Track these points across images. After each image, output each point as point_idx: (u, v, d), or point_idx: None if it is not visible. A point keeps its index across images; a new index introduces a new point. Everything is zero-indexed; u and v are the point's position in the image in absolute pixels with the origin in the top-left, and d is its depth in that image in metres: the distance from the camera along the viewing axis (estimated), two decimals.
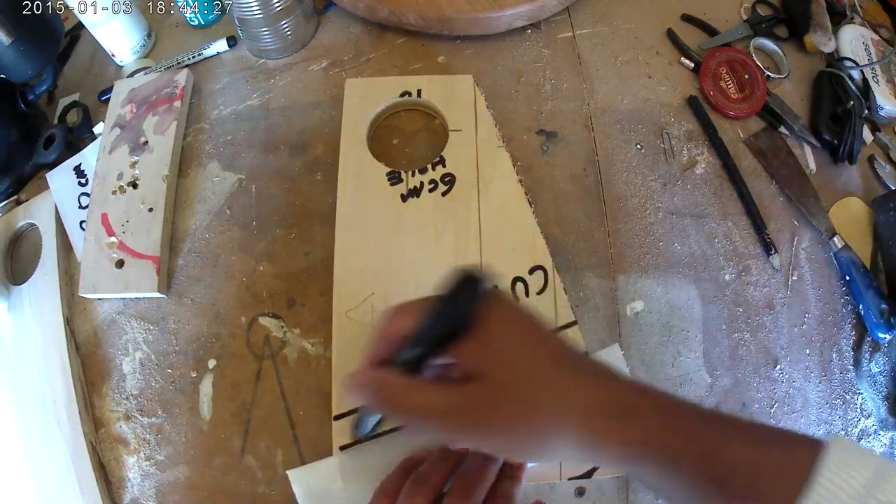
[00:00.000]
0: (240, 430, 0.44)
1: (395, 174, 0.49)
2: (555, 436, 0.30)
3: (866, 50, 0.60)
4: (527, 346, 0.31)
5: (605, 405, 0.30)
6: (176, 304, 0.48)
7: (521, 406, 0.30)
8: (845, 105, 0.55)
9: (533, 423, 0.30)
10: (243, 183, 0.51)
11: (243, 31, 0.56)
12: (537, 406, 0.30)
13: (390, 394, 0.31)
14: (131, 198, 0.50)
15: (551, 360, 0.31)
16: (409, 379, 0.31)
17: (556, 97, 0.54)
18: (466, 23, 0.54)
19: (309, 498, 0.40)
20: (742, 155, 0.53)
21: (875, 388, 0.49)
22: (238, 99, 0.55)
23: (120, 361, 0.47)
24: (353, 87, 0.52)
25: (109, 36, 0.57)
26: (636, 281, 0.47)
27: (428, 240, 0.46)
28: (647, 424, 0.29)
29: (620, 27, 0.58)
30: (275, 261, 0.48)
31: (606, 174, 0.51)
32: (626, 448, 0.30)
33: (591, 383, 0.31)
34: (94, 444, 0.44)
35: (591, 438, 0.30)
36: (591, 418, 0.30)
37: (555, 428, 0.30)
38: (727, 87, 0.55)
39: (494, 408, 0.30)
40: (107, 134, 0.53)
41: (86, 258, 0.48)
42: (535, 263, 0.45)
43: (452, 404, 0.30)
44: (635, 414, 0.30)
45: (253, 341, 0.46)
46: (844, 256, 0.50)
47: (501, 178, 0.48)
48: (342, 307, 0.44)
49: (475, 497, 0.34)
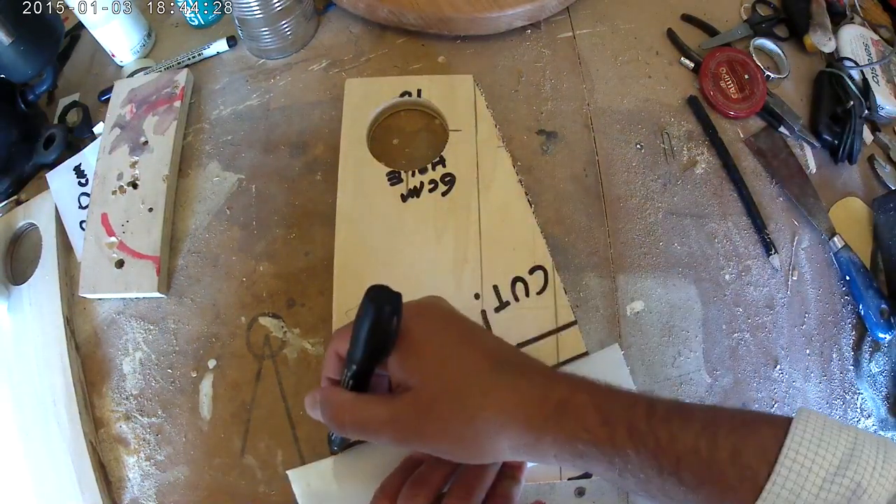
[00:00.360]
0: (240, 430, 0.44)
1: (395, 174, 0.49)
2: (492, 438, 0.30)
3: (866, 50, 0.60)
4: (453, 352, 0.32)
5: (539, 404, 0.30)
6: (176, 304, 0.48)
7: (450, 412, 0.30)
8: (845, 105, 0.55)
9: (465, 429, 0.30)
10: (243, 183, 0.51)
11: (243, 31, 0.56)
12: (467, 411, 0.30)
13: (336, 410, 0.33)
14: (131, 198, 0.50)
15: (481, 364, 0.31)
16: (352, 395, 0.33)
17: (556, 97, 0.54)
18: (466, 23, 0.54)
19: (309, 498, 0.40)
20: (742, 155, 0.53)
21: (875, 388, 0.49)
22: (238, 99, 0.55)
23: (120, 361, 0.47)
24: (353, 87, 0.52)
25: (109, 36, 0.57)
26: (636, 281, 0.47)
27: (428, 240, 0.46)
28: (586, 422, 0.29)
29: (620, 27, 0.58)
30: (275, 261, 0.48)
31: (606, 174, 0.51)
32: (565, 446, 0.29)
33: (523, 382, 0.31)
34: (94, 444, 0.44)
35: (529, 440, 0.30)
36: (527, 418, 0.30)
37: (491, 430, 0.30)
38: (727, 87, 0.55)
39: (423, 417, 0.31)
40: (107, 134, 0.53)
41: (86, 258, 0.48)
42: (535, 263, 0.45)
43: (386, 416, 0.31)
44: (572, 411, 0.30)
45: (253, 341, 0.46)
46: (844, 256, 0.50)
47: (501, 178, 0.48)
48: (342, 307, 0.44)
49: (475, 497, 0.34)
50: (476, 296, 0.45)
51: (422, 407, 0.31)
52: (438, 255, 0.46)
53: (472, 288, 0.45)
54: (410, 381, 0.31)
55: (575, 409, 0.30)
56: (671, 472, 0.28)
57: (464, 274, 0.45)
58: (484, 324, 0.44)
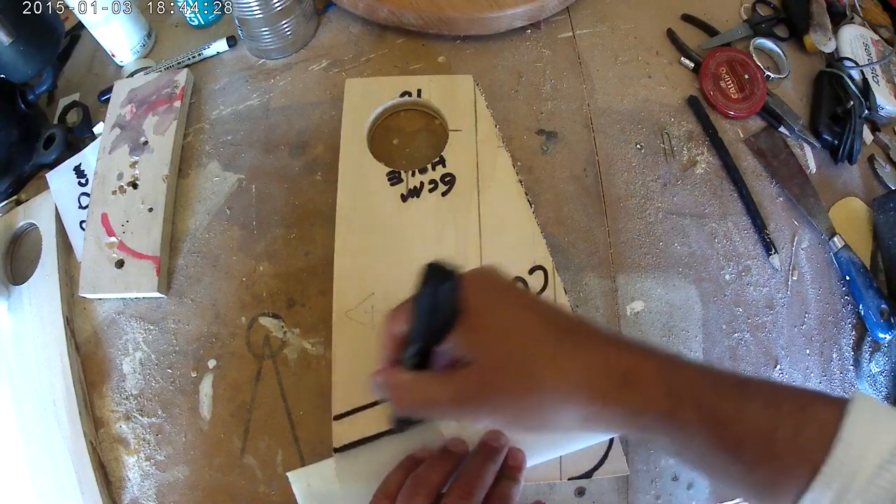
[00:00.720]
0: (240, 430, 0.44)
1: (395, 174, 0.49)
2: (558, 408, 0.30)
3: (866, 50, 0.60)
4: (515, 324, 0.31)
5: (604, 374, 0.29)
6: (176, 304, 0.48)
7: (514, 385, 0.30)
8: (845, 105, 0.55)
9: (529, 401, 0.30)
10: (243, 183, 0.51)
11: (243, 31, 0.56)
12: (531, 382, 0.30)
13: (400, 391, 0.33)
14: (131, 198, 0.50)
15: (543, 334, 0.31)
16: (413, 374, 0.33)
17: (556, 97, 0.54)
18: (466, 23, 0.54)
19: (309, 498, 0.40)
20: (742, 155, 0.53)
21: (875, 388, 0.49)
22: (238, 99, 0.55)
23: (120, 361, 0.47)
24: (353, 87, 0.52)
25: (109, 36, 0.57)
26: (636, 281, 0.47)
27: (428, 240, 0.46)
28: (651, 393, 0.29)
29: (620, 27, 0.58)
30: (275, 261, 0.48)
31: (606, 174, 0.51)
32: (628, 418, 0.29)
33: (587, 352, 0.30)
34: (94, 444, 0.44)
35: (593, 410, 0.29)
36: (591, 389, 0.29)
37: (556, 400, 0.30)
38: (727, 87, 0.55)
39: (487, 390, 0.30)
40: (107, 134, 0.53)
41: (86, 258, 0.48)
42: (535, 263, 0.45)
43: (451, 393, 0.31)
44: (637, 383, 0.29)
45: (253, 341, 0.46)
46: (844, 256, 0.50)
47: (501, 178, 0.48)
48: (342, 307, 0.44)
49: (475, 497, 0.34)
50: None
51: (485, 381, 0.31)
52: (438, 255, 0.45)
53: None
54: (472, 355, 0.31)
55: (640, 381, 0.29)
56: (732, 449, 0.28)
57: None
58: None
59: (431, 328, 0.31)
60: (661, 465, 0.44)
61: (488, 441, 0.39)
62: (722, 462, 0.28)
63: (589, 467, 0.41)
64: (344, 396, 0.42)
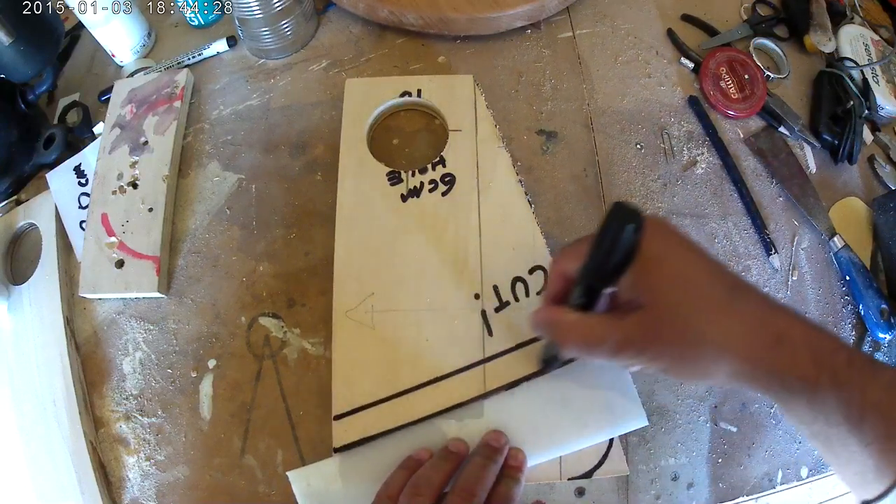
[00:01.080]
0: (240, 430, 0.44)
1: (395, 174, 0.49)
2: (713, 362, 0.31)
3: (866, 50, 0.60)
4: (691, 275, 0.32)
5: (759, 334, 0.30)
6: (176, 304, 0.48)
7: (678, 335, 0.31)
8: (845, 105, 0.55)
9: (689, 351, 0.31)
10: (243, 183, 0.51)
11: (243, 31, 0.56)
12: (695, 335, 0.31)
13: (564, 330, 0.34)
14: (131, 198, 0.50)
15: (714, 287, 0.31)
16: (579, 315, 0.33)
17: (556, 97, 0.54)
18: (466, 23, 0.54)
19: (309, 498, 0.40)
20: (742, 155, 0.53)
21: None
22: (238, 99, 0.55)
23: (120, 361, 0.47)
24: (353, 87, 0.52)
25: (109, 36, 0.57)
26: None
27: (428, 240, 0.46)
28: (799, 357, 0.30)
29: (620, 27, 0.58)
30: (275, 261, 0.48)
31: (606, 174, 0.51)
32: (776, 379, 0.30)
33: (748, 310, 0.31)
34: (94, 444, 0.44)
35: (746, 368, 0.30)
36: (746, 348, 0.30)
37: (714, 355, 0.31)
38: (727, 87, 0.55)
39: (650, 336, 0.31)
40: (107, 134, 0.53)
41: (86, 258, 0.48)
42: (535, 263, 0.45)
43: (616, 335, 0.32)
44: (788, 346, 0.30)
45: (253, 341, 0.46)
46: (844, 256, 0.50)
47: (501, 178, 0.48)
48: (342, 307, 0.44)
49: (477, 497, 0.34)
50: (476, 296, 0.45)
51: (650, 327, 0.31)
52: (438, 255, 0.46)
53: (472, 288, 0.45)
54: (641, 299, 0.31)
55: (790, 344, 0.30)
56: (855, 422, 0.29)
57: (464, 274, 0.45)
58: (484, 324, 0.44)
59: (607, 267, 0.31)
60: (661, 465, 0.44)
61: (489, 441, 0.39)
62: (842, 436, 0.29)
63: (589, 467, 0.41)
64: (344, 396, 0.42)
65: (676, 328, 0.31)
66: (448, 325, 0.44)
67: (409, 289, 0.45)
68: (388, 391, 0.42)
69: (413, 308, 0.44)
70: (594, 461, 0.41)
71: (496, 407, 0.42)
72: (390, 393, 0.42)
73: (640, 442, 0.44)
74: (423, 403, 0.42)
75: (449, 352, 0.43)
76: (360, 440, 0.41)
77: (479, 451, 0.38)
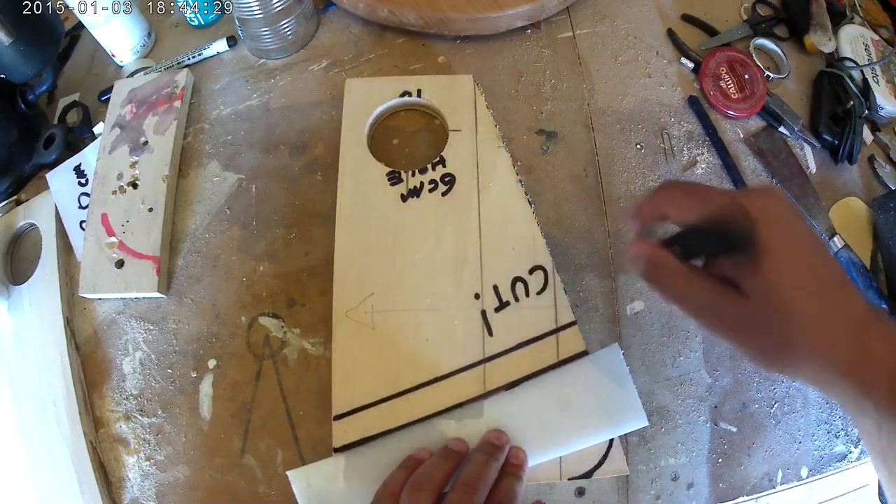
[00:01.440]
0: (240, 430, 0.44)
1: (395, 174, 0.49)
2: (802, 365, 0.31)
3: (866, 50, 0.60)
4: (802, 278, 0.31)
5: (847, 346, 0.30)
6: (176, 304, 0.48)
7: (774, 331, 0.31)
8: (845, 105, 0.55)
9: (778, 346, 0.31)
10: (243, 183, 0.51)
11: (243, 31, 0.56)
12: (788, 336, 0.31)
13: (667, 277, 0.33)
14: (131, 198, 0.50)
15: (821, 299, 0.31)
16: (687, 268, 0.33)
17: (556, 97, 0.54)
18: (466, 23, 0.54)
19: (309, 498, 0.40)
20: (742, 155, 0.53)
21: None
22: (238, 99, 0.55)
23: (120, 361, 0.47)
24: (353, 87, 0.52)
25: (109, 36, 0.57)
26: (636, 281, 0.47)
27: (428, 240, 0.46)
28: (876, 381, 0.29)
29: (620, 27, 0.58)
30: (275, 261, 0.48)
31: (606, 174, 0.51)
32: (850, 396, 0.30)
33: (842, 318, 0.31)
34: (94, 444, 0.44)
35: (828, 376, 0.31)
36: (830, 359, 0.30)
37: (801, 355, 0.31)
38: (727, 87, 0.55)
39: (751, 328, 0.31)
40: (107, 134, 0.53)
41: (86, 258, 0.48)
42: (535, 263, 0.45)
43: (715, 308, 0.32)
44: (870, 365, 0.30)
45: (253, 341, 0.46)
46: (844, 256, 0.50)
47: (501, 178, 0.48)
48: (342, 307, 0.44)
49: (478, 494, 0.34)
50: (476, 296, 0.45)
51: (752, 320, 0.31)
52: (438, 255, 0.46)
53: (472, 288, 0.45)
54: (751, 290, 0.31)
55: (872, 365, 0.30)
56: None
57: (464, 274, 0.45)
58: (484, 324, 0.44)
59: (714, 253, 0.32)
60: (661, 465, 0.44)
61: (490, 439, 0.39)
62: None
63: (589, 467, 0.41)
64: (344, 396, 0.42)
65: (772, 326, 0.31)
66: (448, 325, 0.44)
67: (409, 289, 0.45)
68: (388, 391, 0.42)
69: (413, 308, 0.44)
70: (594, 461, 0.41)
71: (496, 407, 0.42)
72: (390, 393, 0.42)
73: (640, 442, 0.44)
74: (423, 403, 0.42)
75: (449, 352, 0.43)
76: (360, 440, 0.41)
77: (481, 448, 0.39)
